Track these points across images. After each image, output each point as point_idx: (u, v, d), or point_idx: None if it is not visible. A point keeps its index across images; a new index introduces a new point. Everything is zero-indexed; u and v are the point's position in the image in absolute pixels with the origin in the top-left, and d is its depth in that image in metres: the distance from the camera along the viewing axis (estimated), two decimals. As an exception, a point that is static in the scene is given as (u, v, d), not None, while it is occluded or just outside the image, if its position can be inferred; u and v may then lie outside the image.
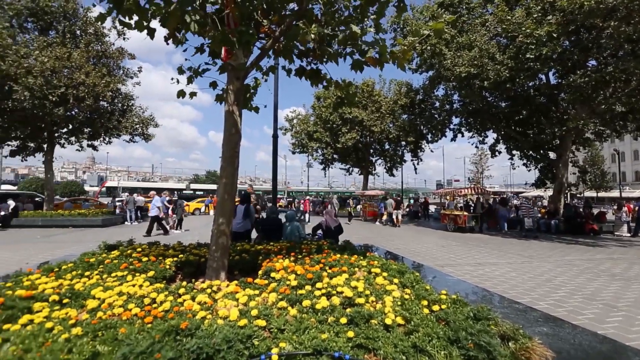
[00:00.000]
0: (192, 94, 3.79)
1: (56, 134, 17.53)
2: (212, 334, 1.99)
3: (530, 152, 18.34)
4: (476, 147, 21.69)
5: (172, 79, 3.76)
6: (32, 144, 17.52)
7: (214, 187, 45.46)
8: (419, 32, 3.01)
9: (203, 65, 3.82)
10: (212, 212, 23.73)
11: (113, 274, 3.24)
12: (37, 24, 16.12)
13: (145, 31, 3.30)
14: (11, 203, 15.45)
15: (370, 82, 23.71)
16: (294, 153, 28.43)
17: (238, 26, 3.14)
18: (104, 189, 41.14)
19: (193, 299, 2.58)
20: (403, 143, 24.78)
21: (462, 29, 15.91)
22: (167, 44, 3.91)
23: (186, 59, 3.74)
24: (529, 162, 19.25)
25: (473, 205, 16.98)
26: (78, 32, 16.89)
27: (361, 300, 2.52)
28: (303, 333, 2.09)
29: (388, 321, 2.19)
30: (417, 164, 25.78)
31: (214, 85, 3.93)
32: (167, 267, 3.57)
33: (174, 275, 3.64)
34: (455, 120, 19.87)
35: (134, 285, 2.87)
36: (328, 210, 6.34)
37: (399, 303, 2.55)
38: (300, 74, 3.88)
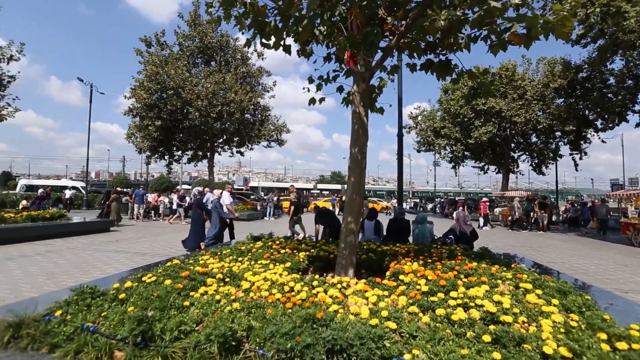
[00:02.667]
0: (322, 100, 4.06)
1: (215, 144, 21.88)
2: (344, 327, 2.07)
3: None
4: (682, 132, 15.61)
5: (303, 88, 4.13)
6: (200, 153, 22.33)
7: (338, 186, 47.85)
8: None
9: (331, 73, 4.05)
10: (337, 209, 24.89)
11: (259, 262, 3.78)
12: (203, 58, 20.52)
13: (281, 49, 3.74)
14: (187, 199, 20.15)
15: (511, 65, 20.10)
16: (419, 151, 27.06)
17: (361, 29, 3.18)
18: (247, 188, 48.79)
19: (325, 292, 2.75)
20: (558, 134, 20.23)
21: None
22: (299, 56, 4.33)
23: (316, 69, 4.02)
24: None
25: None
26: (230, 59, 20.65)
27: (507, 319, 2.17)
28: (438, 343, 1.94)
29: (547, 350, 1.81)
30: (580, 158, 20.50)
31: (340, 89, 4.11)
32: (301, 260, 3.93)
33: (306, 268, 3.99)
34: (644, 99, 14.81)
35: (275, 273, 3.27)
36: (459, 212, 5.70)
37: (562, 330, 2.07)
38: (427, 67, 3.66)
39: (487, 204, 16.56)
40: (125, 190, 25.28)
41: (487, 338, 1.92)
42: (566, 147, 20.63)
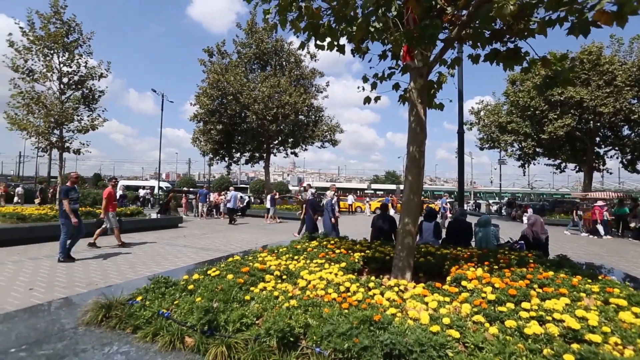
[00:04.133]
0: (377, 99, 3.99)
1: (271, 146, 22.76)
2: (403, 332, 2.00)
3: None
4: None
5: (358, 87, 4.09)
6: (257, 154, 23.42)
7: (392, 187, 46.67)
8: None
9: (387, 71, 3.95)
10: (392, 210, 24.28)
11: (315, 261, 3.83)
12: (259, 63, 21.50)
13: (336, 49, 3.75)
14: (245, 197, 21.24)
15: (595, 48, 17.45)
16: (481, 149, 25.18)
17: (418, 23, 3.05)
18: (301, 188, 49.78)
19: (382, 294, 2.69)
20: (660, 124, 17.09)
21: None
22: (353, 55, 4.30)
23: (370, 67, 3.96)
24: None
25: None
26: (284, 63, 21.34)
27: (595, 338, 1.90)
28: (508, 358, 1.77)
29: (649, 378, 1.54)
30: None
31: (396, 87, 3.99)
32: (356, 260, 3.90)
33: (361, 268, 3.94)
34: None
35: (330, 273, 3.28)
36: (536, 218, 5.02)
37: (669, 357, 1.75)
38: (492, 58, 3.37)
39: (605, 209, 13.99)
40: (191, 190, 27.61)
41: (569, 358, 1.70)
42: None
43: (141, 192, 23.56)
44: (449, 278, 3.12)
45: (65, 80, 11.00)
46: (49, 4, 10.62)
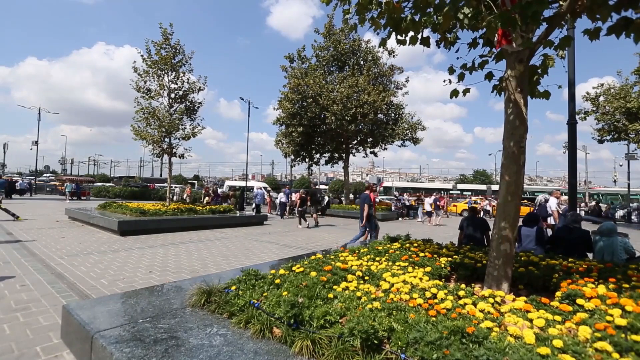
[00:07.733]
0: (466, 91, 3.66)
1: (350, 146, 22.87)
2: (502, 350, 1.77)
3: None
4: None
5: (444, 81, 3.81)
6: (336, 155, 23.79)
7: (482, 187, 42.70)
8: None
9: (477, 60, 3.60)
10: (481, 213, 22.20)
11: (397, 263, 3.70)
12: (337, 64, 21.80)
13: (419, 43, 3.55)
14: (326, 197, 21.73)
15: None
16: (600, 142, 20.82)
17: (517, 1, 2.70)
18: (381, 188, 48.92)
19: (474, 304, 2.44)
20: None
21: None
22: (438, 47, 4.02)
23: (458, 58, 3.65)
24: None
25: None
26: (361, 62, 21.22)
27: None
28: (651, 401, 1.42)
29: None
30: None
31: (489, 76, 3.60)
32: (443, 265, 3.64)
33: (448, 275, 3.66)
34: None
35: (414, 277, 3.12)
36: None
37: None
38: (619, 30, 2.76)
39: None
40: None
41: None
42: None
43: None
44: (558, 293, 2.68)
45: (172, 95, 12.83)
46: (160, 32, 12.56)
